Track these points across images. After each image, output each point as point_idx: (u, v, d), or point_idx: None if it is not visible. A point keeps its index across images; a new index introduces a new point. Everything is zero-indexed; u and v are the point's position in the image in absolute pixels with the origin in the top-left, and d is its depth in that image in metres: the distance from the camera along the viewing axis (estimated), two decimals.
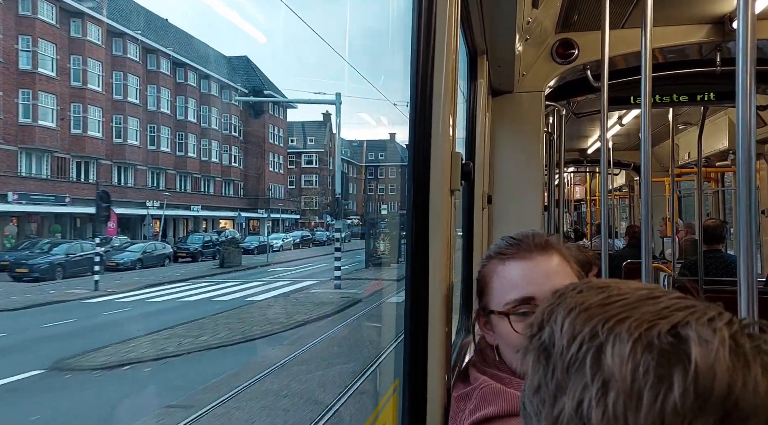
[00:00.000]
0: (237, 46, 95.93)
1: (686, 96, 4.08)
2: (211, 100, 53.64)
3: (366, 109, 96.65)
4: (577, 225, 14.43)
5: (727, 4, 3.15)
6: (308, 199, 74.49)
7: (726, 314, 0.51)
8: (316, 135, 78.89)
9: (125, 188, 43.25)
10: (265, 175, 61.19)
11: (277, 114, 64.99)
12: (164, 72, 48.49)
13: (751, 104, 1.21)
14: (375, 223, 29.81)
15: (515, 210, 3.47)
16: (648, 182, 1.79)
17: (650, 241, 1.78)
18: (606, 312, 0.52)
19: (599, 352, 0.50)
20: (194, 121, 51.83)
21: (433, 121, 1.25)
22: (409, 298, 1.27)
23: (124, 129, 43.75)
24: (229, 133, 57.48)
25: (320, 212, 73.52)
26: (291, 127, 73.95)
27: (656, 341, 0.48)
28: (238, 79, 57.93)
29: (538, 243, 1.26)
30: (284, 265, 35.59)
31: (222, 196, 56.52)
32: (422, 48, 1.24)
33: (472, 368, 1.33)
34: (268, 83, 60.16)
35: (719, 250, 5.25)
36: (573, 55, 3.46)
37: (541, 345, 0.56)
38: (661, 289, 0.56)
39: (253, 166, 59.94)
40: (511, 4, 2.25)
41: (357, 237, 55.62)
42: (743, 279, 1.23)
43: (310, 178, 78.14)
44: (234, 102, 53.65)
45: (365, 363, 10.58)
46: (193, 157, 51.71)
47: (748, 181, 1.22)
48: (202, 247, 39.98)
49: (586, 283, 0.60)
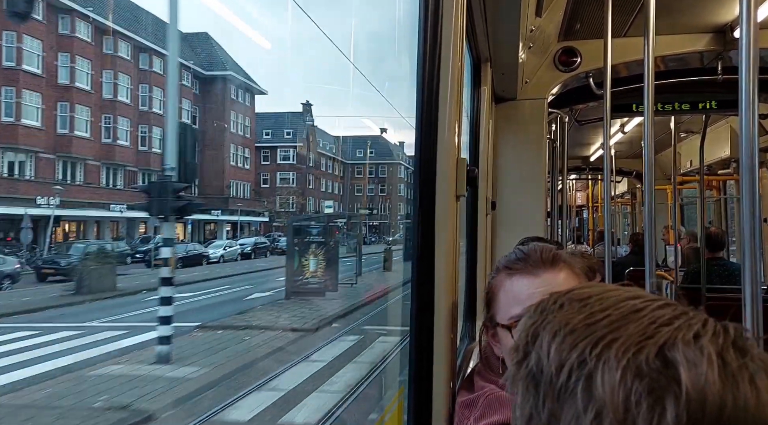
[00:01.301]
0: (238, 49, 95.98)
1: (688, 104, 4.10)
2: (152, 78, 42.78)
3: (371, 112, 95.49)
4: (578, 231, 14.42)
5: (729, 13, 3.16)
6: (284, 199, 64.54)
7: (710, 324, 0.51)
8: (294, 127, 69.05)
9: (18, 181, 32.93)
10: (225, 170, 51.51)
11: (242, 99, 54.53)
12: (82, 37, 36.79)
13: (754, 113, 1.22)
14: (303, 229, 20.35)
15: (518, 216, 3.48)
16: (651, 190, 1.80)
17: (653, 249, 1.78)
18: (592, 335, 0.52)
19: (589, 380, 0.50)
20: (127, 102, 41.03)
21: (439, 127, 1.26)
22: (414, 304, 1.28)
23: (16, 104, 33.00)
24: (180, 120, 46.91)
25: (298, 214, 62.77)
26: (265, 118, 65.68)
27: (645, 367, 0.48)
28: (195, 57, 49.15)
29: (546, 259, 1.26)
30: (196, 285, 23.83)
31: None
32: (428, 56, 1.26)
33: (476, 376, 1.34)
34: (231, 65, 52.61)
35: (722, 258, 5.25)
36: (575, 62, 3.47)
37: (529, 373, 0.55)
38: (645, 297, 0.55)
39: (210, 160, 49.55)
40: (514, 13, 2.27)
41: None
42: (747, 287, 1.24)
43: (287, 176, 68.01)
44: (185, 82, 45.48)
45: None
46: (125, 146, 40.93)
47: (751, 190, 1.23)
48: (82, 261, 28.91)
49: (567, 295, 0.59)
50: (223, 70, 50.27)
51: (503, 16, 2.29)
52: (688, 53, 3.53)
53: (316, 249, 20.14)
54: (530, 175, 3.56)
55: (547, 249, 1.29)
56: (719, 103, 4.06)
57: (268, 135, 67.63)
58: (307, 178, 67.99)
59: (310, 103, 69.80)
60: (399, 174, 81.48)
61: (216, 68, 49.99)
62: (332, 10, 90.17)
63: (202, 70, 48.71)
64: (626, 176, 9.69)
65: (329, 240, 20.73)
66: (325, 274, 20.12)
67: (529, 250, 1.29)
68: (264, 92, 57.95)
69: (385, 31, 79.64)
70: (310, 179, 68.85)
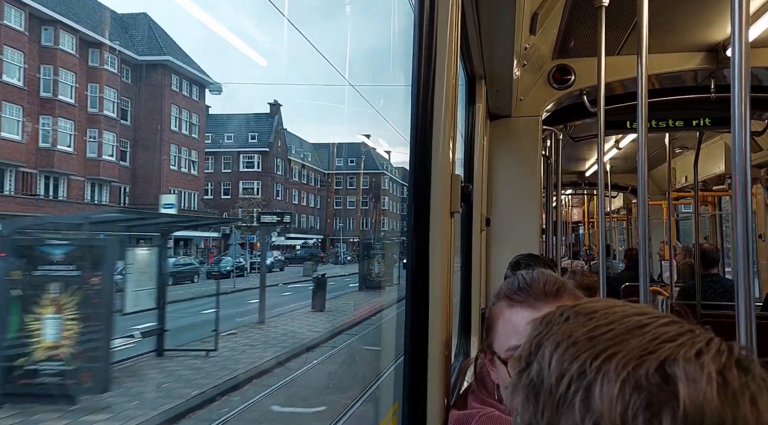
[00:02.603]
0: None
1: (682, 121, 4.13)
2: (63, 59, 34.45)
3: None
4: (575, 247, 14.43)
5: (721, 32, 3.20)
6: (247, 211, 54.67)
7: (714, 342, 0.51)
8: (259, 130, 61.35)
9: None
10: (163, 175, 42.10)
11: (189, 93, 45.69)
12: None
13: (746, 130, 1.23)
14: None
15: (513, 232, 3.48)
16: (645, 206, 1.81)
17: (648, 264, 1.79)
18: (593, 347, 0.52)
19: (588, 392, 0.49)
20: (21, 87, 32.35)
21: (433, 144, 1.27)
22: (409, 320, 1.28)
23: None
24: (99, 112, 37.12)
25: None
26: (225, 120, 59.95)
27: (644, 381, 0.48)
28: (128, 40, 41.39)
29: (549, 292, 1.24)
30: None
31: (80, 203, 35.51)
32: (423, 72, 1.26)
33: (471, 395, 1.33)
34: (175, 51, 43.90)
35: (716, 274, 5.25)
36: (570, 80, 3.50)
37: (530, 383, 0.55)
38: (651, 314, 0.55)
39: (143, 162, 41.16)
40: (509, 31, 2.29)
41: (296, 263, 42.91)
42: (741, 304, 1.24)
43: (250, 185, 59.99)
44: (109, 67, 37.38)
45: None
46: (17, 140, 32.09)
47: (744, 206, 1.24)
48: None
49: (573, 309, 0.59)
50: (160, 54, 41.80)
51: (498, 33, 2.32)
52: (681, 71, 3.57)
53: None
54: (525, 192, 3.57)
55: (551, 280, 1.26)
56: (712, 120, 4.09)
57: (230, 139, 60.69)
58: (275, 188, 61.12)
59: (278, 104, 62.27)
60: (383, 185, 75.55)
61: (154, 54, 41.82)
62: (327, 23, 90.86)
63: (135, 55, 40.64)
64: (622, 191, 9.72)
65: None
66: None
67: (532, 280, 1.27)
68: (217, 87, 48.82)
69: (381, 47, 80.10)
70: (278, 189, 62.05)
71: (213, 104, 74.78)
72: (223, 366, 11.63)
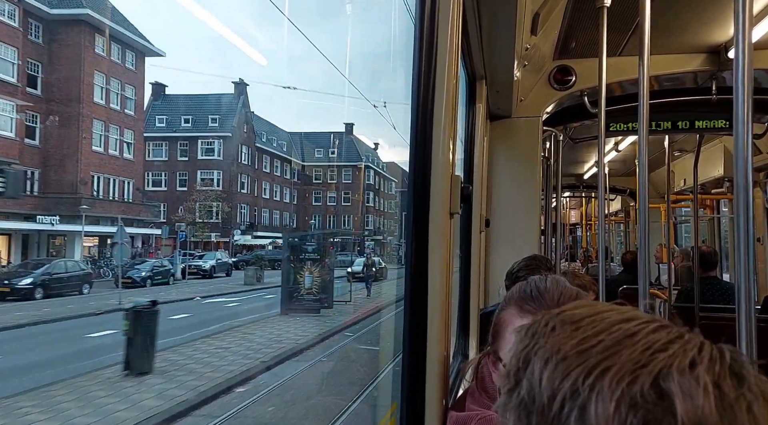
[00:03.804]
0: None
1: (682, 123, 4.13)
2: None
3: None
4: (572, 248, 14.44)
5: (723, 33, 3.20)
6: (204, 205, 48.12)
7: (706, 349, 0.50)
8: (220, 113, 52.88)
9: None
10: (80, 156, 33.67)
11: (121, 59, 37.37)
12: None
13: (748, 132, 1.22)
14: None
15: (512, 233, 3.47)
16: (645, 209, 1.80)
17: (647, 267, 1.78)
18: (584, 362, 0.51)
19: (583, 412, 0.48)
20: None
21: (433, 144, 1.26)
22: (407, 321, 1.27)
23: None
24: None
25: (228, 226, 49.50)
26: (181, 100, 52.70)
27: (639, 399, 0.47)
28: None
29: (561, 304, 1.21)
30: None
31: None
32: (423, 73, 1.26)
33: (470, 397, 1.32)
34: (100, 5, 34.86)
35: (715, 277, 5.25)
36: (570, 81, 3.50)
37: (521, 402, 0.54)
38: (639, 320, 0.54)
39: (56, 141, 33.18)
40: (509, 31, 2.28)
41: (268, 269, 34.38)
42: (742, 307, 1.23)
43: (209, 176, 51.58)
44: (7, 19, 29.16)
45: None
46: None
47: (746, 209, 1.23)
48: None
49: (559, 317, 0.57)
50: (78, 7, 33.39)
51: (498, 33, 2.31)
52: (682, 73, 3.56)
53: None
54: (524, 193, 3.56)
55: (567, 292, 1.21)
56: (714, 122, 4.09)
57: (187, 122, 52.47)
58: (238, 179, 52.99)
59: (244, 83, 53.77)
60: (368, 180, 67.28)
61: (69, 6, 33.58)
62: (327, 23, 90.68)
63: (45, 8, 32.43)
64: (620, 194, 9.72)
65: None
66: None
67: (545, 290, 1.22)
68: (160, 52, 40.50)
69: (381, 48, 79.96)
70: (243, 181, 54.12)
71: (170, 83, 65.26)
72: None
